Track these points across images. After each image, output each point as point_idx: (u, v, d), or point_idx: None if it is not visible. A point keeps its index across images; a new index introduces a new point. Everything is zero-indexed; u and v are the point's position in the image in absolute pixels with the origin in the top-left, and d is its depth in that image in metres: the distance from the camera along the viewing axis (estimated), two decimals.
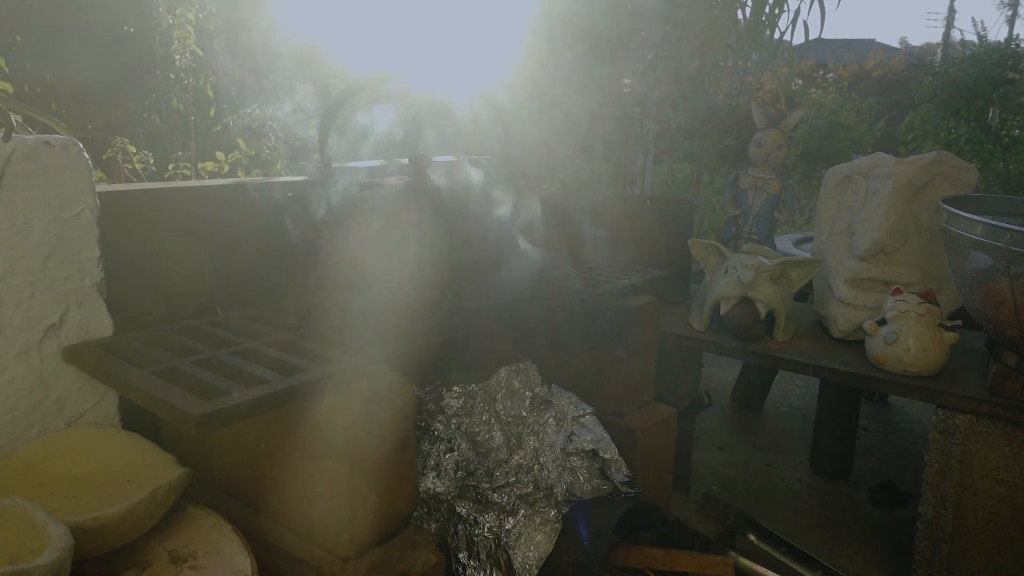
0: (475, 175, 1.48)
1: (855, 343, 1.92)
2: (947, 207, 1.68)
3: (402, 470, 1.15)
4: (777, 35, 2.60)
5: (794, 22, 2.62)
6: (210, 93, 2.95)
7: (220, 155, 2.75)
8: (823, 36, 2.62)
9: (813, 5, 2.53)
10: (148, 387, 1.00)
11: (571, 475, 1.31)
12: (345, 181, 1.34)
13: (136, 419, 1.25)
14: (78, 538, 0.85)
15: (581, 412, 1.42)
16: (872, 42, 16.50)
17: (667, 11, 2.63)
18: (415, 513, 1.21)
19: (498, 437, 1.33)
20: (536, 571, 1.19)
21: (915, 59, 13.50)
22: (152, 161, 2.74)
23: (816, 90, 8.06)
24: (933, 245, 1.92)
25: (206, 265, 1.39)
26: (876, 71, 11.58)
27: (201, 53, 2.81)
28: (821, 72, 9.73)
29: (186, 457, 1.14)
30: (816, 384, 2.51)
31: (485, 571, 1.19)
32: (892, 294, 1.79)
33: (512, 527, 1.22)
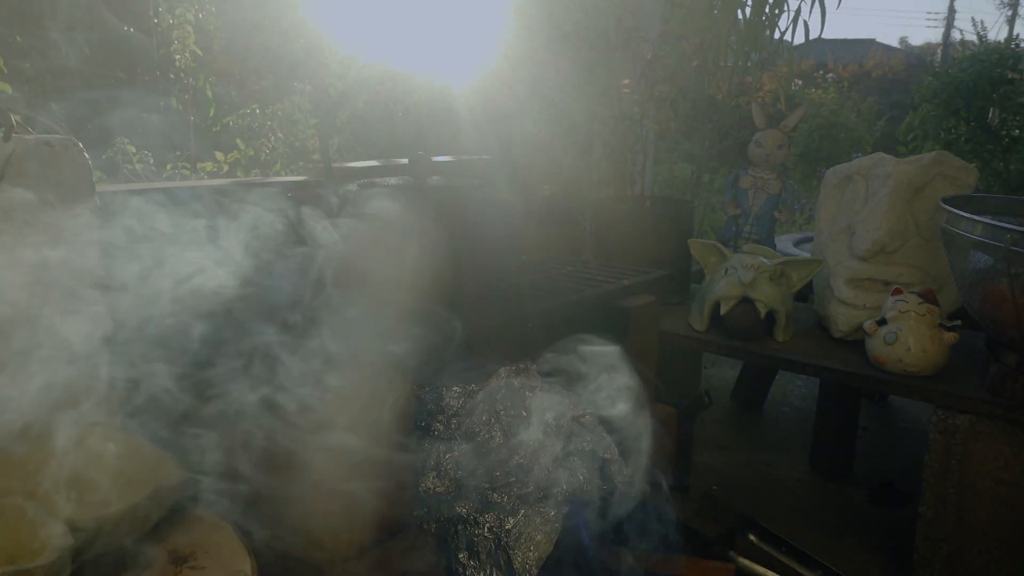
0: (475, 175, 1.48)
1: (855, 343, 1.92)
2: (947, 207, 1.68)
3: (402, 470, 1.15)
4: (777, 35, 2.60)
5: (794, 22, 2.61)
6: (209, 93, 2.94)
7: (219, 155, 2.75)
8: (823, 36, 2.61)
9: (813, 5, 2.52)
10: None
11: (571, 475, 1.31)
12: (345, 181, 1.34)
13: (136, 419, 1.25)
14: (78, 538, 0.85)
15: (581, 412, 1.42)
16: (872, 42, 16.47)
17: (666, 11, 2.63)
18: (415, 513, 1.21)
19: (498, 437, 1.33)
20: (536, 571, 1.19)
21: (915, 59, 13.49)
22: (152, 161, 2.73)
23: (816, 90, 8.06)
24: (933, 245, 1.92)
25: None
26: (876, 71, 11.57)
27: (201, 53, 2.81)
28: (821, 72, 9.72)
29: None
30: (816, 384, 2.51)
31: (485, 571, 1.19)
32: (892, 294, 1.79)
33: (512, 527, 1.21)
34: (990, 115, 4.27)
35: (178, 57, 2.80)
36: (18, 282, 1.00)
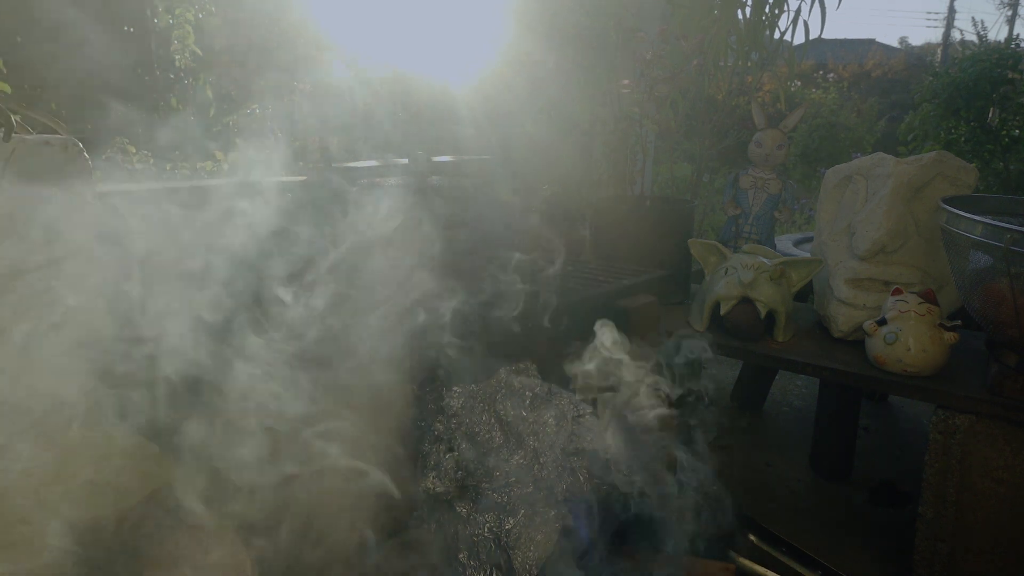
0: (475, 175, 1.48)
1: (855, 343, 1.92)
2: (947, 207, 1.68)
3: (402, 470, 1.15)
4: (777, 35, 2.60)
5: (794, 22, 2.62)
6: (209, 93, 2.94)
7: (219, 155, 2.74)
8: (823, 36, 2.62)
9: (813, 5, 2.52)
10: None
11: (571, 475, 1.31)
12: (345, 181, 1.34)
13: (136, 419, 1.25)
14: (78, 539, 0.85)
15: (581, 412, 1.42)
16: (872, 42, 16.47)
17: (666, 11, 2.63)
18: (415, 513, 1.21)
19: (498, 437, 1.33)
20: (536, 571, 1.19)
21: (915, 59, 13.50)
22: (152, 161, 2.73)
23: (816, 90, 8.06)
24: (933, 245, 1.92)
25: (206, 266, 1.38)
26: (876, 71, 11.59)
27: (200, 53, 2.81)
28: (821, 72, 9.73)
29: None
30: (816, 384, 2.51)
31: (485, 571, 1.19)
32: (892, 294, 1.79)
33: (512, 527, 1.21)
34: (990, 115, 4.27)
35: (178, 57, 2.80)
36: (19, 281, 1.00)
